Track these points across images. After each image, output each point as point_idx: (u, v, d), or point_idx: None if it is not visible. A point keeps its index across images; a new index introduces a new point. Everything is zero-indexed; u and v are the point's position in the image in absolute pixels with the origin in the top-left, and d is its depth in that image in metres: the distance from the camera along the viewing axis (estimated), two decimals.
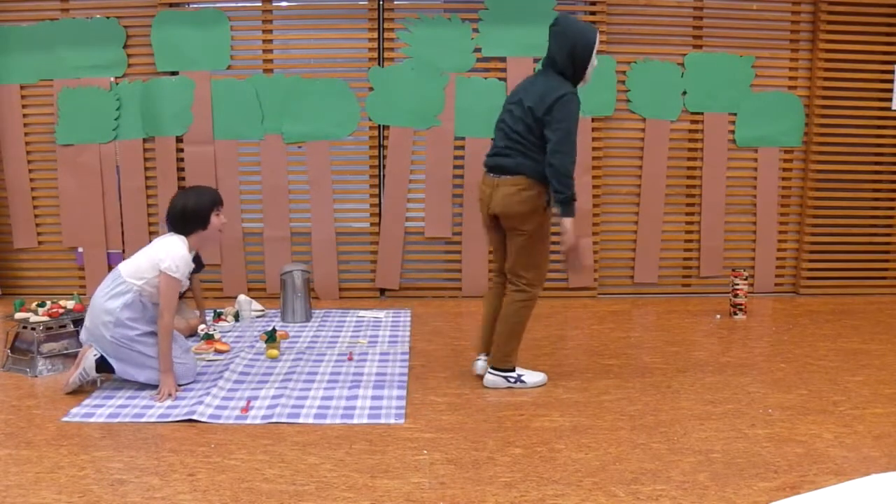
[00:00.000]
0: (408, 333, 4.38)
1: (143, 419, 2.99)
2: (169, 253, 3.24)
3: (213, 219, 3.39)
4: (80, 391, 3.31)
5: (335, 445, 2.75)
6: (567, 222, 3.21)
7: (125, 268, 3.31)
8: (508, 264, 3.38)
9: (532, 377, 3.45)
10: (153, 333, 3.26)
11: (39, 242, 5.43)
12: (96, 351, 3.25)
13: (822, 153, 5.45)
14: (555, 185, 3.17)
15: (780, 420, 3.02)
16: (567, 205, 3.18)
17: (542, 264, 3.35)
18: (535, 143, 3.22)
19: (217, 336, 4.14)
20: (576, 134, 3.19)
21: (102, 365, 3.26)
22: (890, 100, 5.43)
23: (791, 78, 5.42)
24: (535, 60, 5.24)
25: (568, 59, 3.19)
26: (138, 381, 3.30)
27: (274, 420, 2.99)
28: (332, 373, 3.61)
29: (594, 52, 3.22)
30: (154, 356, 3.25)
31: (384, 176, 5.35)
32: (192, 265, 3.42)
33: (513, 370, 3.42)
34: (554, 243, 3.44)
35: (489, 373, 3.42)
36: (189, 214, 3.33)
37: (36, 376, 3.55)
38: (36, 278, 5.44)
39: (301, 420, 2.99)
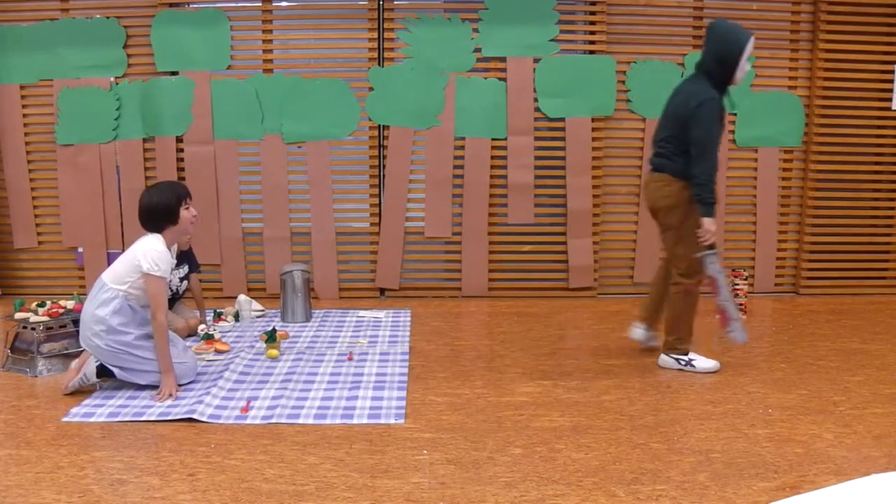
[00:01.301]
0: (408, 333, 4.38)
1: (143, 418, 2.99)
2: (146, 254, 3.21)
3: (183, 212, 3.33)
4: (80, 391, 3.31)
5: (335, 445, 2.75)
6: (706, 221, 3.47)
7: (107, 275, 3.30)
8: (665, 254, 3.77)
9: (703, 363, 3.66)
10: (148, 336, 3.26)
11: (39, 242, 5.43)
12: (97, 357, 3.25)
13: (822, 153, 5.45)
14: (696, 190, 3.46)
15: (780, 420, 3.02)
16: (707, 206, 3.46)
17: (690, 256, 3.59)
18: (677, 144, 3.52)
19: (217, 336, 4.14)
20: (716, 138, 3.44)
21: (103, 370, 3.26)
22: (890, 100, 5.43)
23: (791, 78, 5.42)
24: (535, 60, 5.25)
25: (715, 61, 3.42)
26: (141, 384, 3.30)
27: (274, 421, 2.99)
28: (332, 373, 3.61)
29: (743, 55, 3.39)
30: (153, 358, 3.25)
31: (384, 176, 5.35)
32: (174, 261, 3.41)
33: (685, 354, 3.67)
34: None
35: (663, 354, 3.73)
36: (155, 212, 3.29)
37: (36, 376, 3.56)
38: (36, 278, 5.44)
39: (301, 420, 2.99)
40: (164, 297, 3.27)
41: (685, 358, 3.67)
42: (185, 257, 4.33)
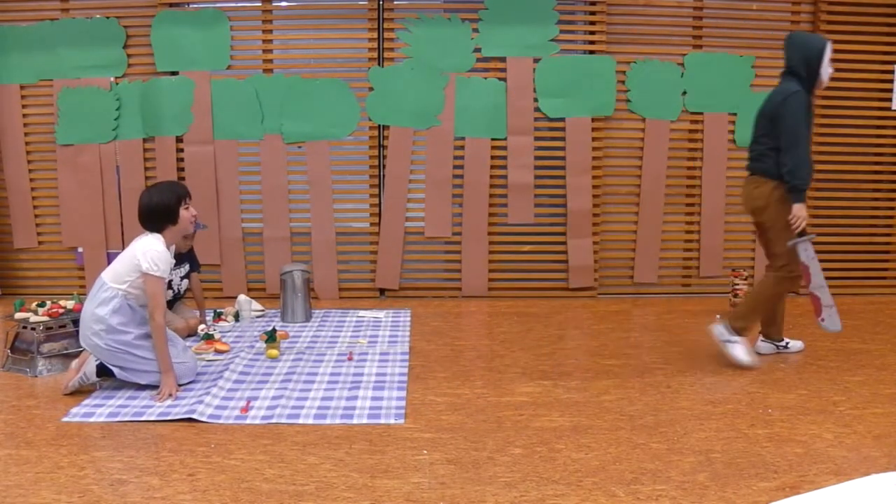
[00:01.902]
0: (408, 333, 4.38)
1: (143, 418, 2.99)
2: (146, 253, 3.21)
3: (183, 212, 3.34)
4: (80, 391, 3.31)
5: (335, 445, 2.75)
6: (796, 207, 3.60)
7: (107, 274, 3.30)
8: (767, 259, 3.85)
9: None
10: (148, 336, 3.26)
11: (39, 242, 5.43)
12: (96, 357, 3.25)
13: (822, 153, 5.45)
14: (786, 176, 3.59)
15: (780, 420, 3.02)
16: (797, 192, 3.59)
17: (785, 251, 3.70)
18: (768, 141, 3.69)
19: (217, 336, 4.14)
20: (804, 130, 3.58)
21: (103, 370, 3.26)
22: (890, 100, 5.43)
23: None
24: (535, 60, 5.25)
25: (801, 64, 3.63)
26: (141, 383, 3.30)
27: (274, 421, 2.99)
28: (332, 373, 3.61)
29: (825, 56, 3.62)
30: (152, 358, 3.25)
31: (384, 176, 5.35)
32: (174, 261, 3.41)
33: (738, 335, 3.74)
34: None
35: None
36: (155, 212, 3.29)
37: (36, 376, 3.55)
38: (36, 278, 5.44)
39: (301, 420, 2.99)
40: (163, 297, 3.27)
41: (737, 339, 3.72)
42: (185, 256, 4.33)
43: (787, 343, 3.99)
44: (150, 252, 3.21)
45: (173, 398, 3.19)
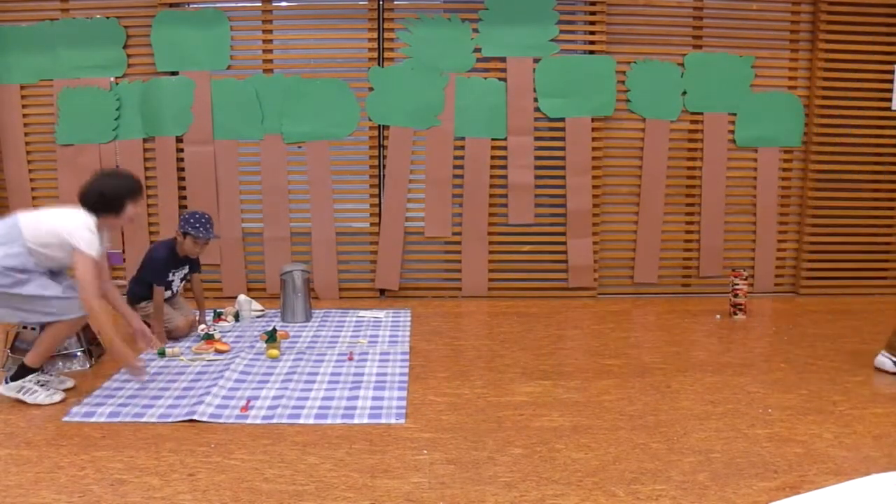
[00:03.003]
0: (408, 333, 4.38)
1: (144, 419, 2.99)
2: (79, 230, 3.06)
3: (129, 208, 3.24)
4: (80, 391, 3.30)
5: (335, 445, 2.75)
6: None
7: (25, 223, 3.14)
8: None
9: None
10: (42, 274, 3.13)
11: None
12: None
13: (821, 153, 5.45)
14: None
15: (779, 420, 3.02)
16: None
17: None
18: None
19: (217, 336, 4.14)
20: None
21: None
22: (890, 100, 5.43)
23: (791, 78, 5.42)
24: (535, 60, 5.25)
25: None
26: (42, 322, 3.20)
27: (274, 421, 2.99)
28: (333, 373, 3.61)
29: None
30: (49, 294, 3.10)
31: (384, 176, 5.35)
32: (101, 248, 3.23)
33: None
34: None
35: (880, 354, 3.71)
36: (105, 200, 3.18)
37: None
38: None
39: (301, 420, 2.99)
40: (95, 279, 3.10)
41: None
42: (186, 258, 4.32)
43: None
44: (84, 233, 3.07)
45: (163, 342, 3.03)
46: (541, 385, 3.46)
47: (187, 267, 4.37)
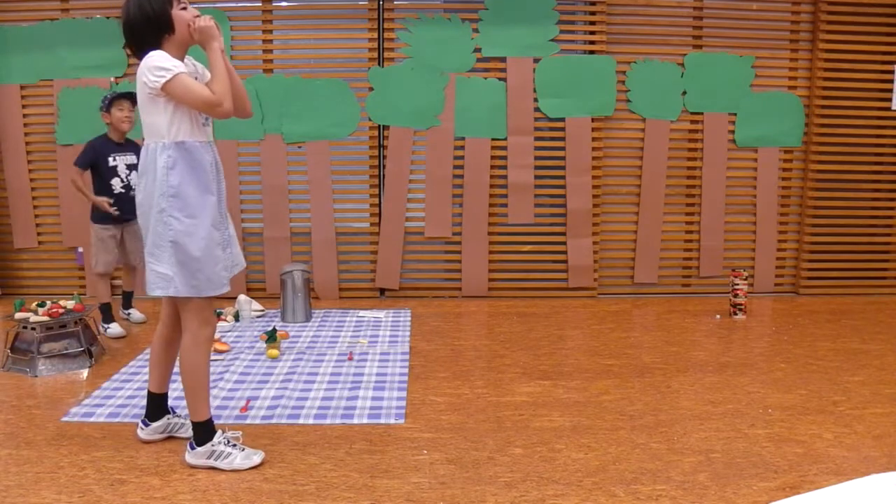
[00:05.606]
0: (408, 333, 4.38)
1: None
2: (149, 70, 2.40)
3: (179, 13, 2.48)
4: (80, 391, 3.30)
5: (335, 445, 2.75)
6: None
7: (147, 135, 2.51)
8: None
9: None
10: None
11: (39, 242, 5.43)
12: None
13: (821, 153, 5.45)
14: None
15: (780, 420, 3.02)
16: None
17: None
18: None
19: (217, 336, 4.14)
20: None
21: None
22: (890, 100, 5.43)
23: (791, 78, 5.42)
24: (535, 60, 5.25)
25: None
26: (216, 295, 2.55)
27: (274, 421, 2.99)
28: (333, 373, 3.61)
29: None
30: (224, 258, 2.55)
31: (384, 176, 5.35)
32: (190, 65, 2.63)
33: None
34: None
35: None
36: (151, 21, 2.44)
37: (36, 376, 3.55)
38: (36, 278, 5.44)
39: (301, 420, 2.99)
40: (200, 89, 2.46)
41: None
42: (130, 144, 4.36)
43: None
44: (149, 65, 2.40)
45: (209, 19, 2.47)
46: (541, 385, 3.46)
47: (133, 154, 4.29)
